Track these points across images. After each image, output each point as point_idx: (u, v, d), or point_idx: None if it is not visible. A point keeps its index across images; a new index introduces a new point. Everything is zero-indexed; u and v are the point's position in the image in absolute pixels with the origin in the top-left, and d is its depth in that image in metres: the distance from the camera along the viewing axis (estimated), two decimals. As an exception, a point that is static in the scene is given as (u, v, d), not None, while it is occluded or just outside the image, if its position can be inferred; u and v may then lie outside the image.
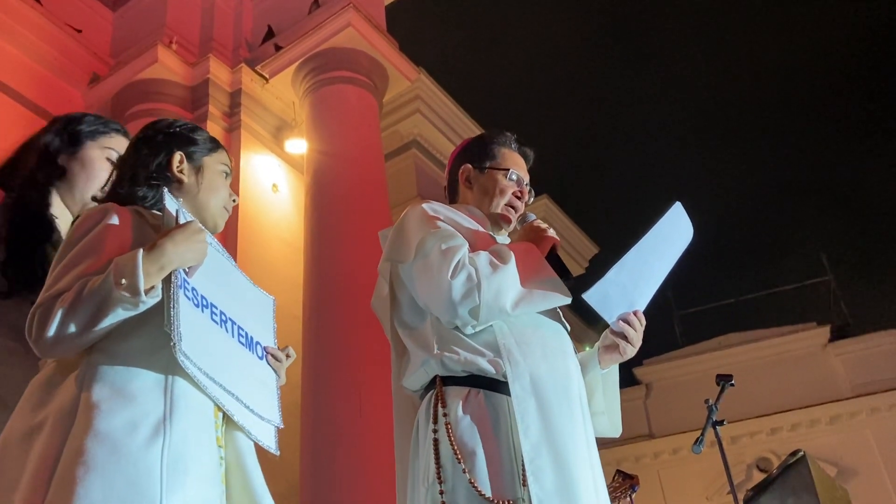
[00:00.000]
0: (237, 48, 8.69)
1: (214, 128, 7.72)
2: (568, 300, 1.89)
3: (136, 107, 7.78)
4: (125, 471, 1.37)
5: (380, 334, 2.09)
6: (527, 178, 2.23)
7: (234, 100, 8.06)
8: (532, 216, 2.16)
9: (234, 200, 1.87)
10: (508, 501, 1.66)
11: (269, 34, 8.67)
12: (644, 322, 2.03)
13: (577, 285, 1.93)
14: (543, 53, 28.67)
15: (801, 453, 3.77)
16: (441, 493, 1.69)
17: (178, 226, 1.59)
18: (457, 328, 1.84)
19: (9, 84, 7.41)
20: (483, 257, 1.85)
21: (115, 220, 1.61)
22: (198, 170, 1.81)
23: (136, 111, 7.77)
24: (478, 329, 1.83)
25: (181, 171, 1.79)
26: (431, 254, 1.85)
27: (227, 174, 1.87)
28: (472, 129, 9.16)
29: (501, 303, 1.80)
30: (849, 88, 28.34)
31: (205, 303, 1.62)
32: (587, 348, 2.13)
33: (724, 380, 3.95)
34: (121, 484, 1.36)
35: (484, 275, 1.80)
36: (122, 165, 1.82)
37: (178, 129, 1.84)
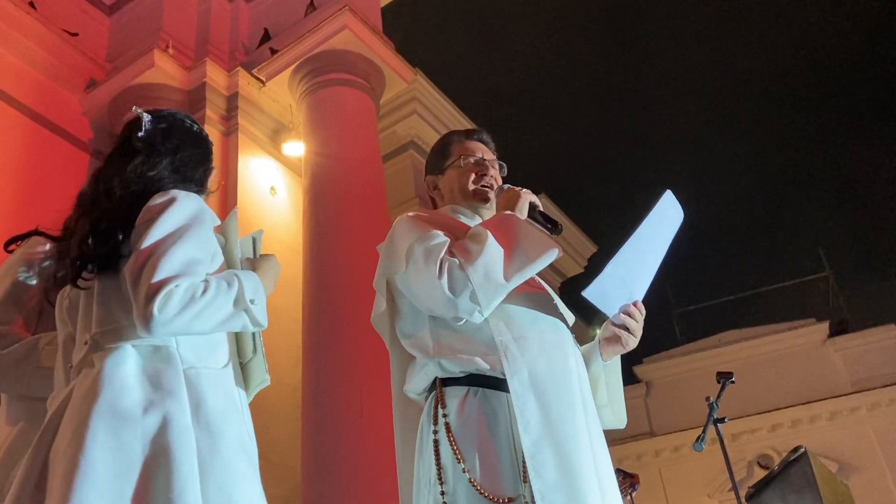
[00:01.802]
0: (234, 52, 8.69)
1: (212, 131, 7.72)
2: (556, 254, 1.89)
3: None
4: (257, 478, 1.56)
5: (380, 342, 2.10)
6: (489, 156, 2.25)
7: (231, 103, 8.06)
8: (506, 186, 2.16)
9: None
10: (509, 499, 1.67)
11: (266, 37, 8.67)
12: (644, 312, 2.04)
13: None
14: (540, 53, 28.68)
15: (803, 450, 3.78)
16: (442, 493, 1.69)
17: (271, 260, 1.79)
18: (462, 324, 1.84)
19: (5, 90, 7.40)
20: (460, 245, 1.87)
21: (208, 215, 1.69)
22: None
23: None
24: (487, 313, 1.82)
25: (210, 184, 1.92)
26: (418, 259, 1.86)
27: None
28: (469, 130, 9.14)
29: (494, 279, 1.80)
30: (847, 81, 28.36)
31: None
32: (597, 331, 2.13)
33: (724, 377, 3.96)
34: (258, 489, 1.55)
35: (465, 260, 1.81)
36: (180, 151, 1.83)
37: (210, 148, 1.96)
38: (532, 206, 2.05)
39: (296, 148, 7.98)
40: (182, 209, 1.61)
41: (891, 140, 28.43)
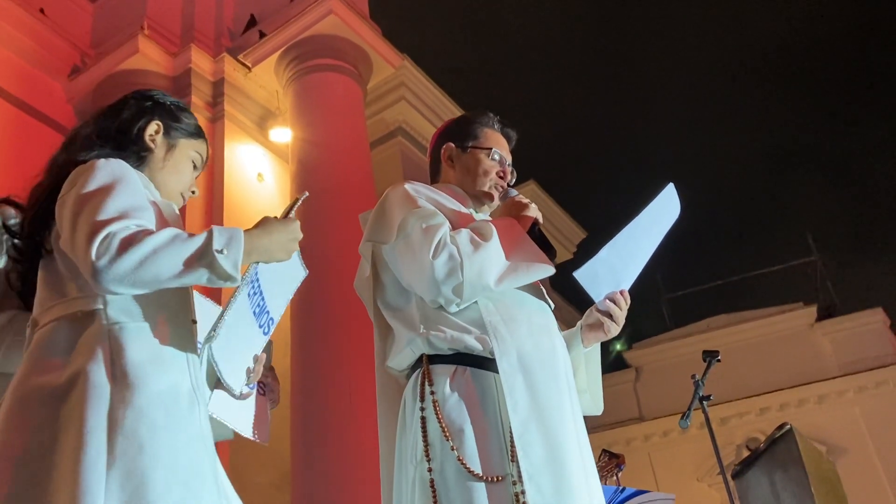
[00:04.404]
0: (219, 37, 8.63)
1: (198, 118, 7.64)
2: (551, 271, 1.89)
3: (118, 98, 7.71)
4: (183, 433, 1.43)
5: (367, 321, 2.08)
6: (509, 159, 2.22)
7: (217, 89, 8.01)
8: (514, 192, 2.15)
9: (193, 192, 1.84)
10: (497, 477, 1.67)
11: (252, 22, 8.61)
12: (629, 301, 2.04)
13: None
14: (529, 38, 28.63)
15: (788, 427, 3.80)
16: (429, 470, 1.68)
17: (282, 221, 1.60)
18: (441, 307, 1.83)
19: (-12, 77, 7.35)
20: (464, 234, 1.84)
21: (134, 174, 1.60)
22: (170, 147, 1.78)
23: (118, 102, 7.70)
24: (462, 307, 1.82)
25: (152, 140, 1.76)
26: (413, 234, 1.84)
27: (196, 165, 1.84)
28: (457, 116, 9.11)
29: (485, 279, 1.80)
30: (838, 64, 28.43)
31: (257, 290, 1.63)
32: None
33: (710, 356, 3.97)
34: (182, 444, 1.41)
35: (466, 252, 1.79)
36: (102, 119, 1.77)
37: (167, 103, 1.82)
38: (534, 223, 2.01)
39: (283, 134, 7.95)
40: (104, 171, 1.55)
41: (881, 123, 28.55)
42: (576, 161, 27.16)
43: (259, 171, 7.94)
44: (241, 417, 1.80)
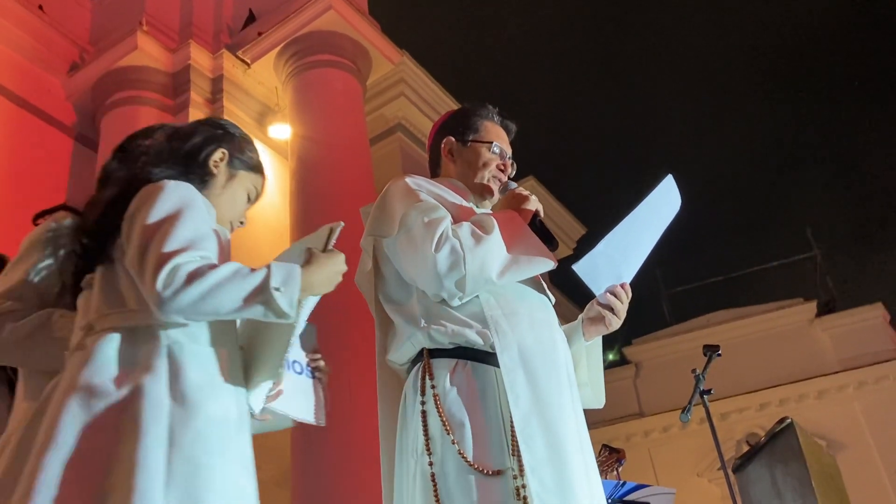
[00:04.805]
0: (218, 33, 8.61)
1: (197, 114, 7.65)
2: (553, 265, 1.89)
3: (117, 94, 7.71)
4: (233, 459, 1.50)
5: (368, 316, 2.08)
6: (510, 151, 2.21)
7: (216, 86, 7.99)
8: (514, 185, 2.15)
9: (241, 223, 1.91)
10: (498, 471, 1.67)
11: (250, 18, 8.60)
12: (630, 294, 2.03)
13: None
14: (529, 33, 28.61)
15: (789, 420, 3.79)
16: (430, 464, 1.69)
17: (329, 255, 1.67)
18: (443, 301, 1.83)
19: (-13, 74, 7.34)
20: (466, 228, 1.84)
21: (201, 199, 1.67)
22: (230, 176, 1.86)
23: (117, 99, 7.70)
24: (464, 301, 1.82)
25: (216, 166, 1.82)
26: (414, 227, 1.84)
27: (250, 198, 1.91)
28: (456, 112, 9.10)
29: (487, 273, 1.80)
30: (837, 57, 28.41)
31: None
32: None
33: (711, 350, 3.97)
34: (233, 470, 1.48)
35: (468, 246, 1.79)
36: (174, 140, 1.83)
37: (236, 134, 1.90)
38: (535, 214, 2.01)
39: (282, 131, 7.94)
40: (174, 195, 1.61)
41: (882, 118, 28.55)
42: (575, 156, 27.18)
43: (258, 167, 7.92)
44: (302, 406, 1.85)
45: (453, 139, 2.19)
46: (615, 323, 2.02)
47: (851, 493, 4.39)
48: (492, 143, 2.16)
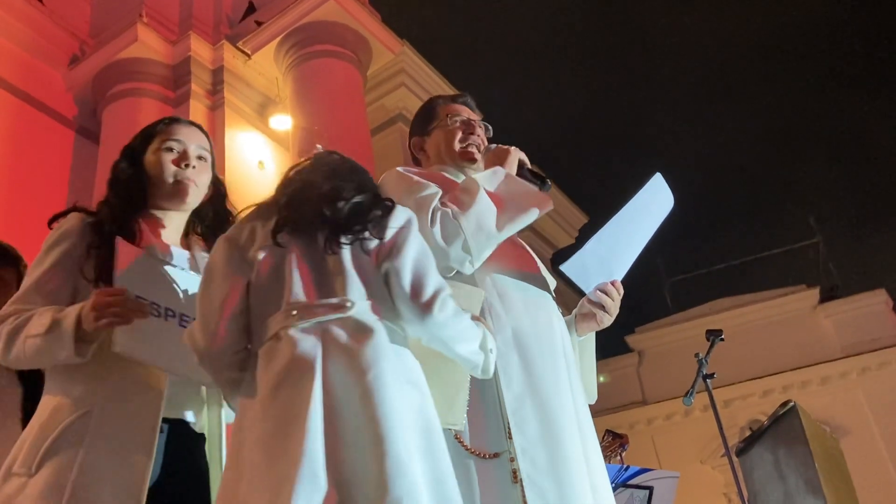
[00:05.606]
0: (218, 24, 8.59)
1: (198, 106, 7.66)
2: (548, 206, 1.92)
3: (118, 87, 7.70)
4: None
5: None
6: (475, 116, 2.26)
7: (217, 77, 7.98)
8: (493, 146, 2.17)
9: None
10: (493, 454, 1.69)
11: (250, 9, 8.58)
12: (622, 292, 2.06)
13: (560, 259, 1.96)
14: (530, 22, 28.52)
15: (792, 404, 3.80)
16: None
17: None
18: (456, 274, 1.84)
19: (-12, 67, 7.34)
20: (452, 196, 1.89)
21: None
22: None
23: (118, 91, 7.69)
24: (477, 264, 1.84)
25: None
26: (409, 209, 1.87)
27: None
28: (457, 101, 9.07)
29: (486, 229, 1.82)
30: (839, 41, 28.28)
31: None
32: None
33: (714, 335, 3.97)
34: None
35: (457, 210, 1.83)
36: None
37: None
38: (521, 164, 2.06)
39: (283, 122, 7.93)
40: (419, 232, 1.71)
41: (885, 105, 28.44)
42: (578, 145, 27.13)
43: (260, 158, 7.92)
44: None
45: (417, 137, 2.29)
46: (606, 320, 2.06)
47: (855, 478, 4.40)
48: (446, 117, 2.22)
